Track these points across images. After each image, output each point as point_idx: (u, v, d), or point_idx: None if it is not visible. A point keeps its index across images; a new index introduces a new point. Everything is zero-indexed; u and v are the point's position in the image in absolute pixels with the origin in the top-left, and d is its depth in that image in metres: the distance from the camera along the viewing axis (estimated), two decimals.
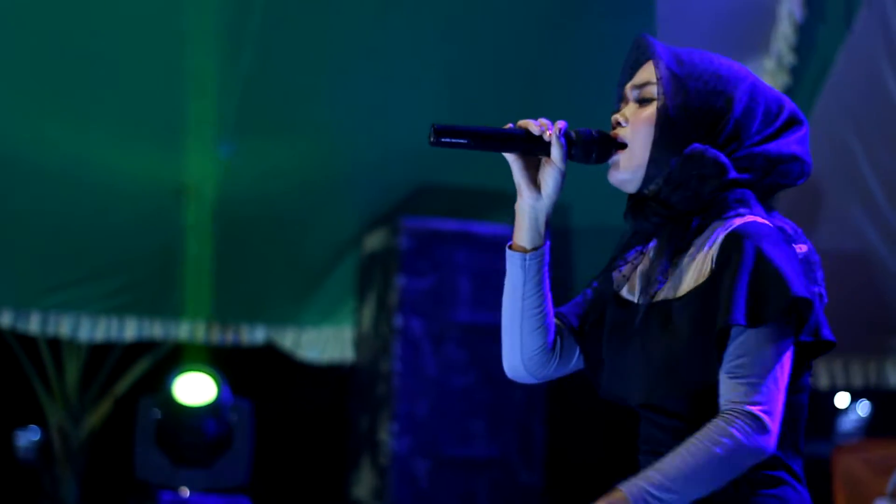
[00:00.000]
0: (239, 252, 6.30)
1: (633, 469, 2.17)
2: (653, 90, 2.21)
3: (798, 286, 2.06)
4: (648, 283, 2.18)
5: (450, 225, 6.21)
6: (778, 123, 2.22)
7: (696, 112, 2.17)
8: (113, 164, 5.82)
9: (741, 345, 2.06)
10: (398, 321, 6.10)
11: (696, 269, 2.15)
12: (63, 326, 6.28)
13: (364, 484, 6.30)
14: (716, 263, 2.11)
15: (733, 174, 2.17)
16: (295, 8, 5.55)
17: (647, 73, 2.23)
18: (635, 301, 2.23)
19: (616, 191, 2.26)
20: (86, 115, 5.65)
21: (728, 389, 2.06)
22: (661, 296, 2.18)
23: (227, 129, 5.78)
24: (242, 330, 6.59)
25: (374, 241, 6.36)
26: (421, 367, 6.11)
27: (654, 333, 2.15)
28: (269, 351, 6.69)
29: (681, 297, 2.14)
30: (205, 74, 5.62)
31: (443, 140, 2.18)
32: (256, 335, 6.63)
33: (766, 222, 2.14)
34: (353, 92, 5.81)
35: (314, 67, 5.71)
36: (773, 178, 2.22)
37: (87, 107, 5.64)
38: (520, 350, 2.32)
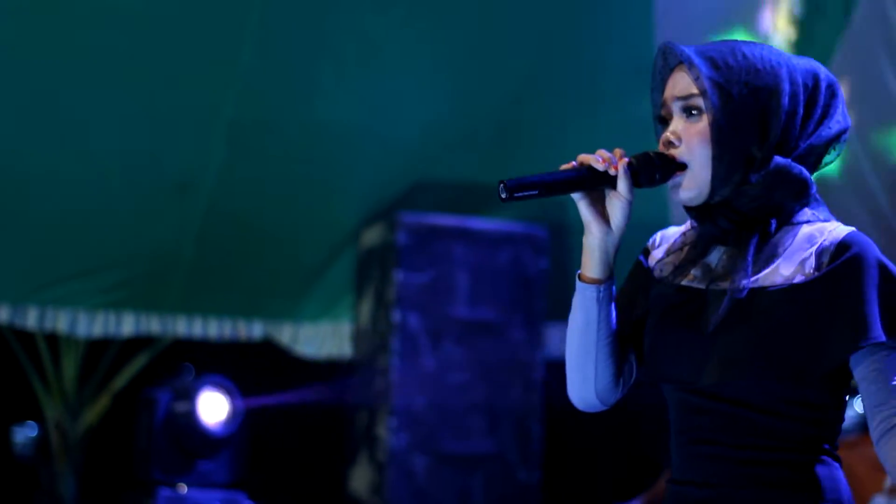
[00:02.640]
0: (236, 247, 6.29)
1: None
2: (698, 102, 2.17)
3: None
4: (732, 274, 2.17)
5: (447, 220, 6.20)
6: (822, 101, 2.21)
7: (747, 117, 2.15)
8: (110, 160, 5.81)
9: (880, 355, 2.12)
10: (396, 317, 6.10)
11: (787, 265, 2.17)
12: (60, 322, 6.27)
13: (362, 479, 6.29)
14: (829, 269, 2.13)
15: (814, 188, 2.19)
16: (293, 3, 5.54)
17: (686, 82, 2.19)
18: (701, 287, 2.21)
19: None
20: (83, 111, 5.64)
21: (875, 396, 2.12)
22: (740, 285, 2.17)
23: (225, 125, 5.77)
24: (240, 325, 6.58)
25: (371, 236, 6.35)
26: (419, 362, 6.10)
27: (736, 320, 2.14)
28: (267, 346, 6.68)
29: (774, 289, 2.14)
30: (203, 70, 5.61)
31: (515, 195, 2.16)
32: (254, 330, 6.62)
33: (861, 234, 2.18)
34: (351, 87, 5.80)
35: (312, 62, 5.70)
36: (827, 159, 2.25)
37: (83, 102, 5.63)
38: (594, 381, 2.28)
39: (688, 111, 2.19)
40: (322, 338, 6.77)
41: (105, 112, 5.67)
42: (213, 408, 5.63)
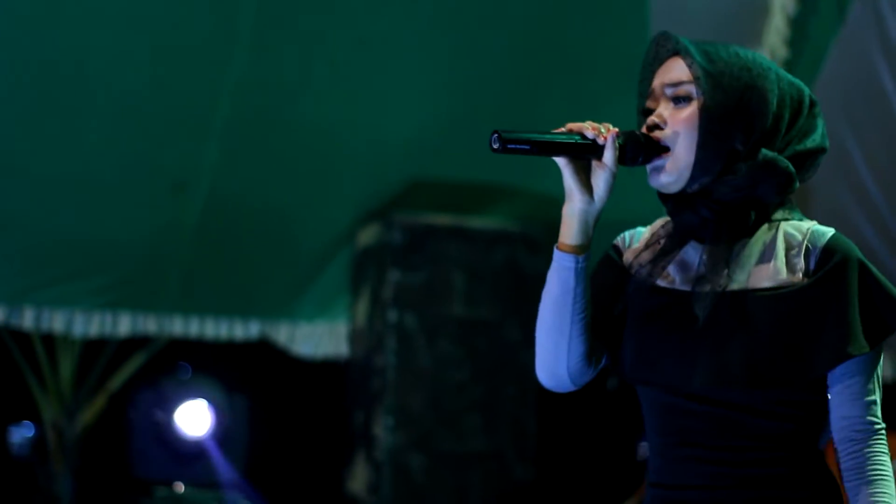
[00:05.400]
0: (232, 247, 6.29)
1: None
2: (688, 89, 2.20)
3: None
4: (712, 273, 2.17)
5: (443, 219, 6.21)
6: (804, 113, 2.25)
7: (734, 110, 2.17)
8: (106, 160, 5.80)
9: (856, 364, 2.14)
10: (392, 316, 6.10)
11: (772, 266, 2.18)
12: (57, 322, 6.26)
13: (359, 479, 6.30)
14: (816, 272, 2.15)
15: (798, 184, 2.20)
16: (287, 2, 5.54)
17: (679, 70, 2.22)
18: (682, 289, 2.22)
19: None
20: (78, 112, 5.64)
21: (847, 406, 2.15)
22: (725, 286, 2.18)
23: (219, 124, 5.77)
24: (236, 325, 6.58)
25: (367, 235, 6.35)
26: (415, 361, 6.10)
27: (726, 322, 2.15)
28: (263, 346, 6.68)
29: (762, 292, 2.16)
30: (197, 69, 5.61)
31: (508, 147, 2.19)
32: (250, 330, 6.62)
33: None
34: (346, 86, 5.80)
35: (307, 62, 5.70)
36: (807, 174, 2.27)
37: (79, 103, 5.62)
38: (566, 356, 2.25)
39: (676, 98, 2.21)
40: (318, 337, 6.77)
41: (99, 111, 5.66)
42: (192, 418, 5.62)
